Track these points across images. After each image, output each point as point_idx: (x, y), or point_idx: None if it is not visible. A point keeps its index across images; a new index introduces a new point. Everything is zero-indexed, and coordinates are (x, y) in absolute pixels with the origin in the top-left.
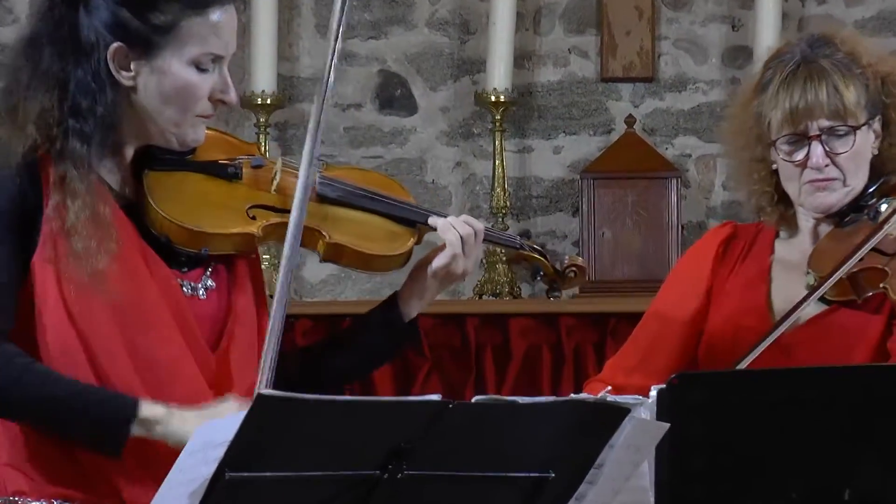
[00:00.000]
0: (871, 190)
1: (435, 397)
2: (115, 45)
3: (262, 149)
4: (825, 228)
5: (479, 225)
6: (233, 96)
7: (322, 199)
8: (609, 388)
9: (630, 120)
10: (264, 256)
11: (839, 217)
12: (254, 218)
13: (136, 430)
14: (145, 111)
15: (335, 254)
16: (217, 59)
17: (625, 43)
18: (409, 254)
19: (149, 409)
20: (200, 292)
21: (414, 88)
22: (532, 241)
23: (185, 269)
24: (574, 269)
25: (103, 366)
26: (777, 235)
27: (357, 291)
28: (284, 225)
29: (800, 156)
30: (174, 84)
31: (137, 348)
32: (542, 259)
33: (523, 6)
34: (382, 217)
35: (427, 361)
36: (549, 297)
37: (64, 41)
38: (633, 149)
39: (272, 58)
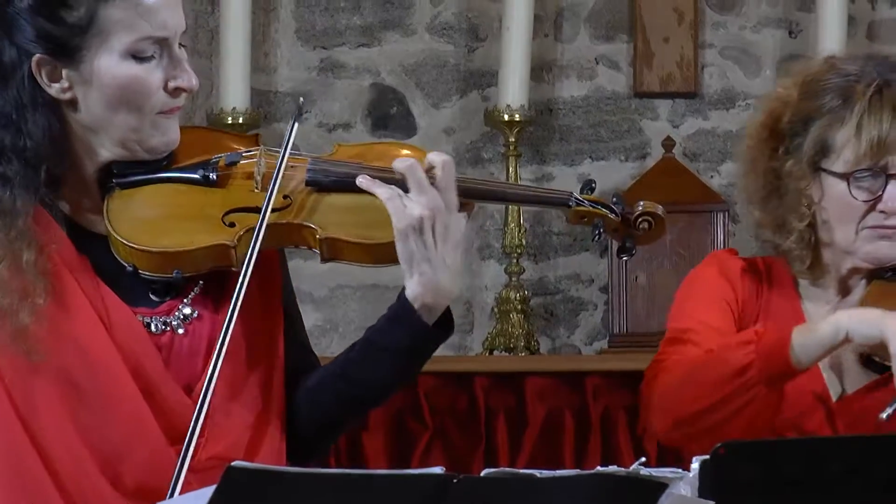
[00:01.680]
0: None
1: (437, 470)
2: (37, 56)
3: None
4: (856, 283)
5: (430, 154)
6: (191, 81)
7: (313, 188)
8: (643, 458)
9: (668, 143)
10: None
11: (880, 270)
12: (231, 225)
13: None
14: (94, 123)
15: (334, 250)
16: (158, 41)
17: (662, 51)
18: None
19: None
20: (175, 325)
21: (413, 105)
22: (589, 192)
23: (165, 299)
24: (648, 218)
25: (43, 442)
26: (795, 279)
27: (345, 344)
28: (275, 226)
29: (866, 195)
30: (115, 84)
31: (81, 419)
32: (603, 211)
33: (542, 8)
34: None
35: (427, 429)
36: (620, 257)
37: None
38: (672, 177)
39: (245, 69)
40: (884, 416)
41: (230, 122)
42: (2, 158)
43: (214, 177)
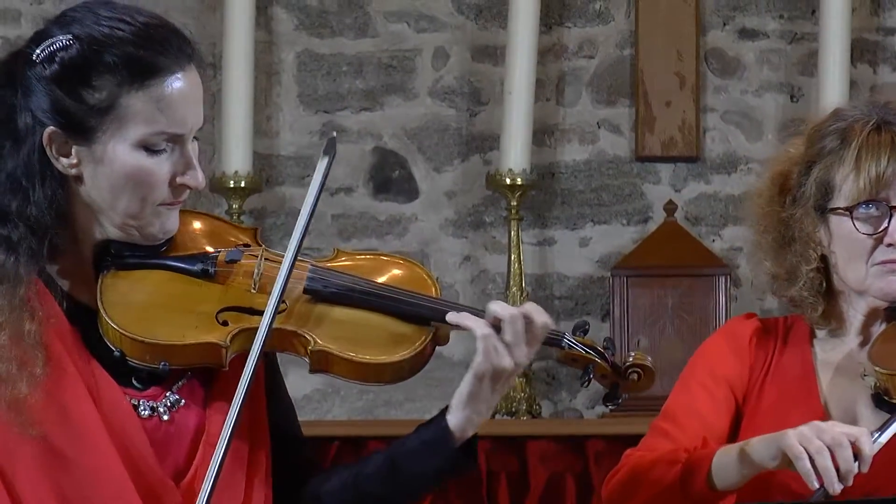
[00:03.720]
0: None
1: None
2: (50, 129)
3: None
4: (877, 326)
5: (531, 308)
6: (198, 179)
7: (311, 296)
8: None
9: (670, 206)
10: None
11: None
12: (225, 323)
13: None
14: (96, 203)
15: (323, 363)
16: (173, 137)
17: (664, 115)
18: (419, 358)
19: None
20: (161, 411)
21: (415, 169)
22: (582, 335)
23: (148, 385)
24: (637, 370)
25: None
26: (813, 334)
27: (347, 410)
28: (270, 331)
29: (870, 229)
30: (122, 172)
31: (64, 489)
32: (594, 359)
33: (544, 72)
34: (386, 315)
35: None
36: (606, 406)
37: (1, 126)
38: (673, 241)
39: (247, 133)
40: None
41: (231, 185)
42: (8, 222)
43: (213, 272)
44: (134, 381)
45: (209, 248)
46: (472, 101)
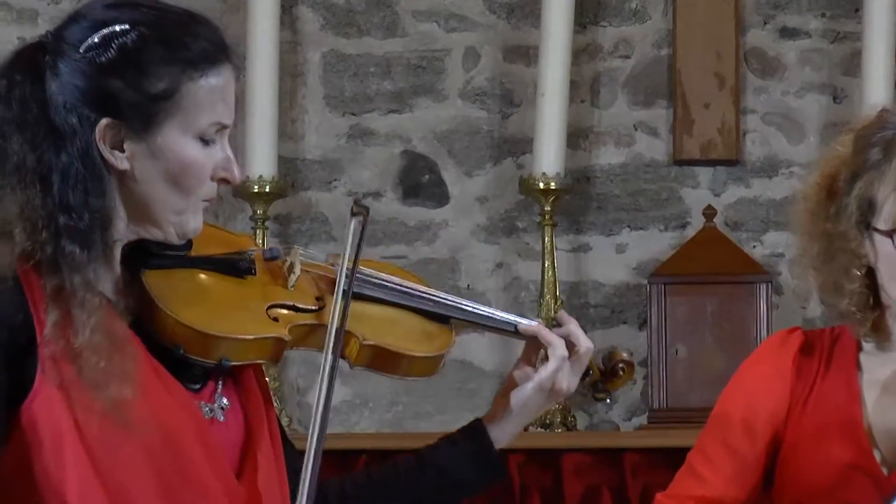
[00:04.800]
0: None
1: None
2: (105, 121)
3: (260, 241)
4: None
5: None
6: (237, 173)
7: (353, 296)
8: None
9: (709, 212)
10: None
11: None
12: (275, 319)
13: None
14: (143, 199)
15: (371, 358)
16: (222, 128)
17: (703, 117)
18: (447, 354)
19: None
20: (218, 413)
21: (445, 173)
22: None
23: (198, 387)
24: (622, 365)
25: None
26: (860, 348)
27: (376, 422)
28: (314, 327)
29: None
30: (179, 163)
31: (174, 494)
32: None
33: (578, 73)
34: (415, 314)
35: None
36: (596, 400)
37: (34, 125)
38: (713, 247)
39: (272, 136)
40: None
41: (256, 190)
42: (73, 213)
43: (253, 269)
44: (184, 384)
45: (224, 251)
46: (504, 102)
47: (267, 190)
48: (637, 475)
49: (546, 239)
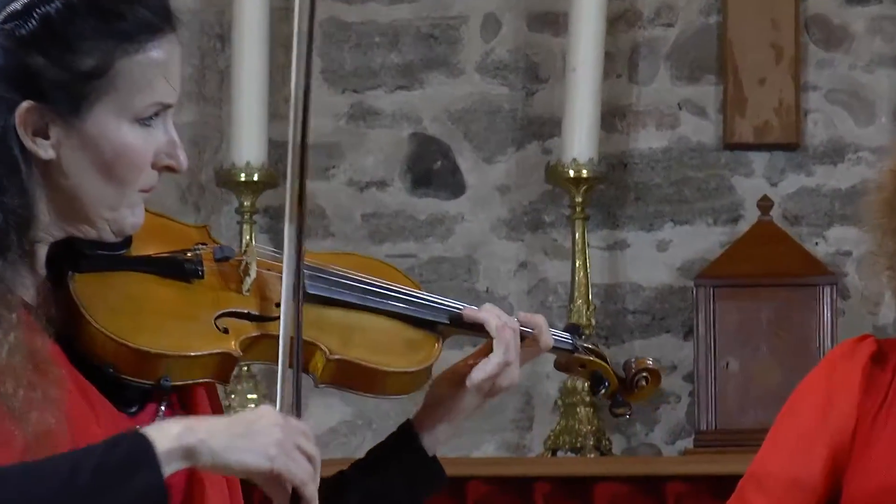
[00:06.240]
0: None
1: None
2: (26, 104)
3: (251, 238)
4: None
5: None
6: (182, 159)
7: (314, 299)
8: None
9: (765, 203)
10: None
11: None
12: (225, 331)
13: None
14: (72, 193)
15: (339, 374)
16: (164, 109)
17: (758, 95)
18: (432, 367)
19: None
20: None
21: (460, 159)
22: (584, 341)
23: (135, 409)
24: (645, 374)
25: None
26: None
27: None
28: (272, 339)
29: None
30: (113, 151)
31: None
32: (603, 363)
33: (614, 44)
34: (393, 318)
35: None
36: (615, 415)
37: None
38: (769, 244)
39: (261, 117)
40: None
41: (243, 178)
42: None
43: (202, 272)
44: (118, 406)
45: (171, 248)
46: (528, 78)
47: (255, 179)
48: None
49: (577, 235)
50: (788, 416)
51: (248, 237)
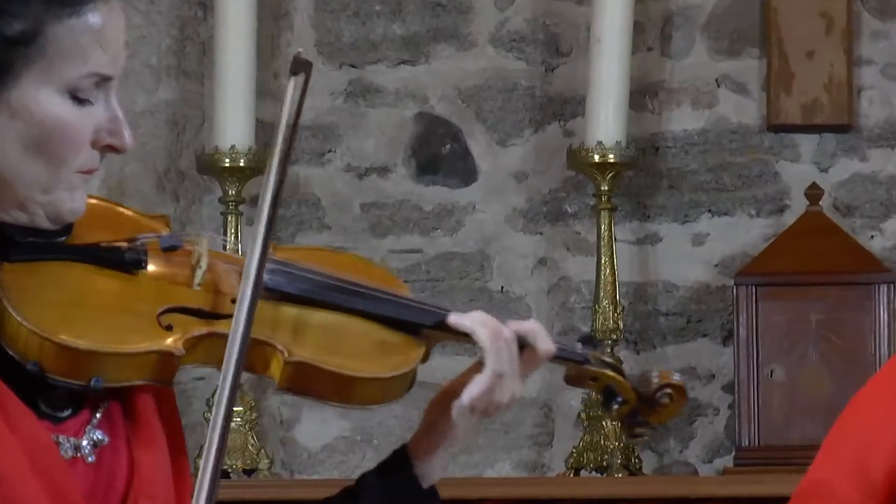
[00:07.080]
0: None
1: None
2: None
3: (232, 231)
4: None
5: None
6: (127, 137)
7: (273, 295)
8: None
9: (814, 192)
10: None
11: None
12: (169, 327)
13: None
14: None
15: (300, 379)
16: (103, 81)
17: (805, 70)
18: (413, 375)
19: None
20: (87, 452)
21: (472, 142)
22: (599, 351)
23: (64, 415)
24: (668, 390)
25: None
26: None
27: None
28: (218, 337)
29: None
30: (42, 125)
31: None
32: (617, 376)
33: (644, 13)
34: (368, 320)
35: None
36: (632, 436)
37: None
38: (818, 237)
39: (247, 95)
40: None
41: (227, 164)
42: None
43: (145, 262)
44: (43, 408)
45: (119, 237)
46: (548, 51)
47: (241, 164)
48: None
49: (602, 227)
50: (842, 433)
51: (232, 230)
